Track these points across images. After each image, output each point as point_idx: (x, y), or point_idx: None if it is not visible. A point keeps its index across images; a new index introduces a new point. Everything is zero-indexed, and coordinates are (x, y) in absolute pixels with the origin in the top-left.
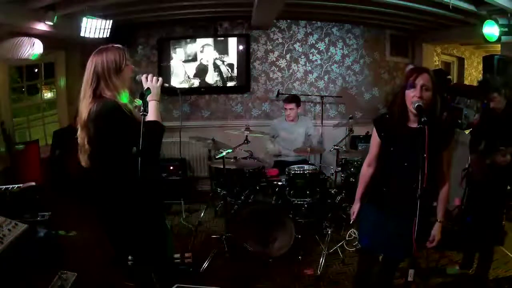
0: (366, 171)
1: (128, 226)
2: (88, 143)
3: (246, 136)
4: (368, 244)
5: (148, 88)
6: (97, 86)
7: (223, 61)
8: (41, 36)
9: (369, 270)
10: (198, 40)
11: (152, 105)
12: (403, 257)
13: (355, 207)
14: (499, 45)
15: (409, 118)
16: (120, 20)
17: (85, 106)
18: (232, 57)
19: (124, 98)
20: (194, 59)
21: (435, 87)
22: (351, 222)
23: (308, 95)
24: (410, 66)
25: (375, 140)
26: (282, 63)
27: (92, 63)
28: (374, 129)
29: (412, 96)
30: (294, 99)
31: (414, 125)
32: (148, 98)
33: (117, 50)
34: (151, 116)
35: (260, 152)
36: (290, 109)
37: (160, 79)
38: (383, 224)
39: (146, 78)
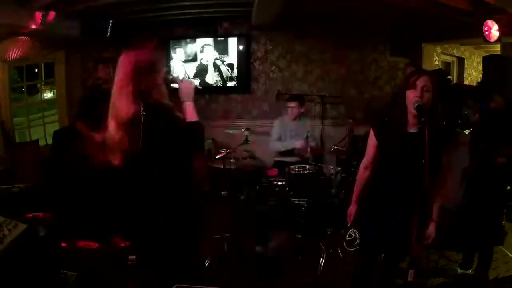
0: (362, 174)
1: (163, 226)
2: (129, 143)
3: (246, 136)
4: (368, 245)
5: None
6: (138, 83)
7: (223, 61)
8: (41, 36)
9: (368, 271)
10: (198, 40)
11: (189, 107)
12: (403, 256)
13: (352, 210)
14: (499, 45)
15: (409, 121)
16: (120, 20)
17: (125, 104)
18: (232, 57)
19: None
20: (194, 59)
21: (435, 90)
22: (348, 225)
23: (308, 95)
24: (411, 67)
25: (372, 142)
26: (282, 63)
27: (132, 58)
28: (372, 131)
29: (412, 97)
30: (297, 97)
31: (413, 128)
32: (184, 99)
33: (156, 50)
34: (191, 117)
35: (260, 151)
36: (293, 107)
37: (194, 82)
38: (383, 224)
39: (181, 80)
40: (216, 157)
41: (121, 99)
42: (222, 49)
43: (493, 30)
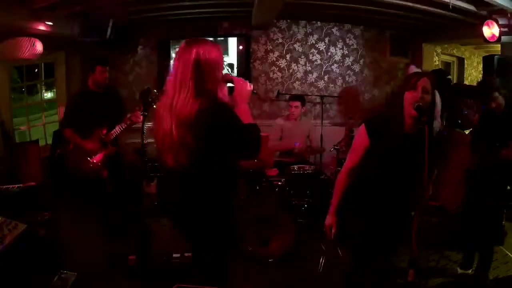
0: (345, 180)
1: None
2: (193, 142)
3: None
4: (360, 251)
5: (149, 88)
6: (199, 80)
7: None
8: (41, 36)
9: (362, 273)
10: None
11: (245, 109)
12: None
13: (332, 221)
14: (499, 45)
15: (406, 122)
16: (120, 20)
17: (185, 102)
18: (232, 57)
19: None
20: None
21: (433, 92)
22: (331, 239)
23: (308, 95)
24: (412, 67)
25: (363, 142)
26: (282, 63)
27: (192, 54)
28: (362, 132)
29: (412, 97)
30: (300, 97)
31: (410, 130)
32: (238, 101)
33: (217, 45)
34: (248, 119)
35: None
36: (295, 106)
37: (251, 85)
38: (377, 227)
39: (239, 80)
40: None
41: (180, 96)
42: (222, 49)
43: (493, 30)
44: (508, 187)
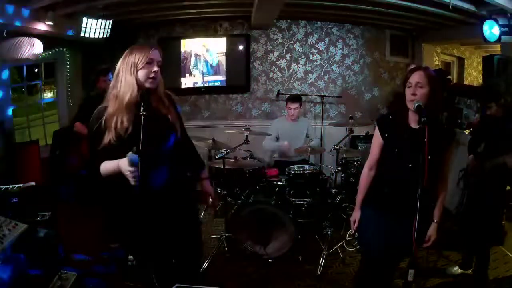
0: (367, 175)
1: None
2: None
3: (246, 136)
4: (369, 246)
5: (149, 89)
6: None
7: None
8: (41, 36)
9: (370, 271)
10: (198, 40)
11: None
12: (403, 257)
13: (356, 215)
14: (499, 45)
15: (410, 118)
16: (120, 20)
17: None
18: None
19: None
20: None
21: (432, 84)
22: (352, 232)
23: (308, 95)
24: (412, 66)
25: (377, 141)
26: (282, 63)
27: None
28: (376, 130)
29: (409, 94)
30: (298, 98)
31: (415, 125)
32: None
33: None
34: None
35: (259, 151)
36: (295, 108)
37: None
38: (383, 225)
39: None
40: (216, 157)
41: None
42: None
43: (493, 30)
44: (508, 187)
